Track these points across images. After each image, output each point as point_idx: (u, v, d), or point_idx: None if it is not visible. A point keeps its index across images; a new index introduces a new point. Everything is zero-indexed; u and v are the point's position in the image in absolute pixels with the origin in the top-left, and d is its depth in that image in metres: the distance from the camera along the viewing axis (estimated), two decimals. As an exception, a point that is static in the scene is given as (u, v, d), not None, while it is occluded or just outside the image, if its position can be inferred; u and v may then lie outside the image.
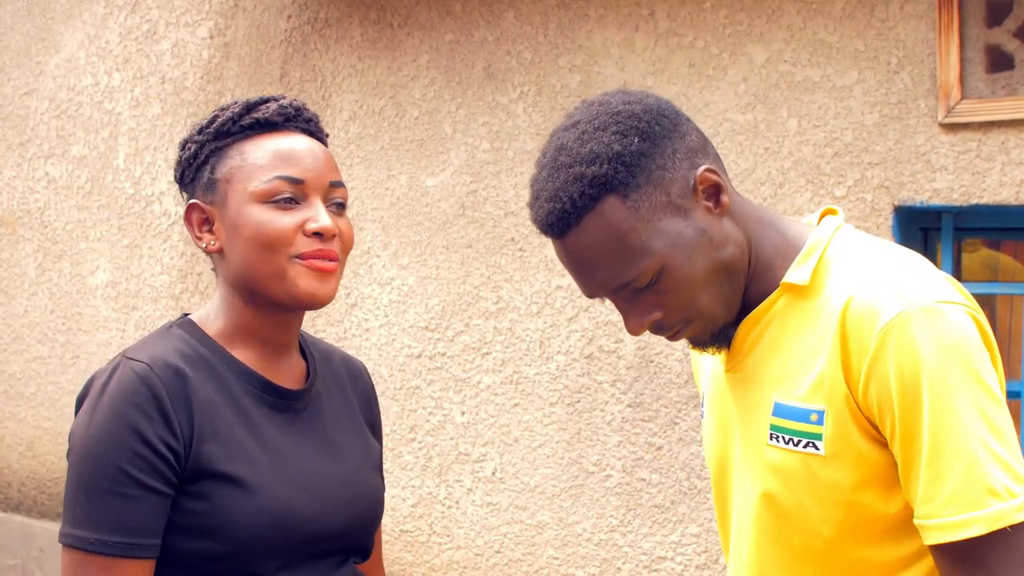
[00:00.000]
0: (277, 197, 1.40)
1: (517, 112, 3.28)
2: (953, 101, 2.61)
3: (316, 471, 1.45)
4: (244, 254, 1.40)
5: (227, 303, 1.46)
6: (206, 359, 1.42)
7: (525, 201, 3.24)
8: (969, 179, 2.62)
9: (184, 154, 1.47)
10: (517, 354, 3.28)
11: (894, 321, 1.20)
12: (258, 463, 1.39)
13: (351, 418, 1.58)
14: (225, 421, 1.39)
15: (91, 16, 4.35)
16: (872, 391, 1.22)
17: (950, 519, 1.17)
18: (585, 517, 3.16)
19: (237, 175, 1.42)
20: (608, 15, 3.11)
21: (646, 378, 3.06)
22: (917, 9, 2.68)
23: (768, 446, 1.31)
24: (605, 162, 1.27)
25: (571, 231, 1.30)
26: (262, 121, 1.44)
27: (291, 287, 1.40)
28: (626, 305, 1.32)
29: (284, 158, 1.42)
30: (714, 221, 1.31)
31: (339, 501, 1.46)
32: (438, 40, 3.43)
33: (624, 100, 1.33)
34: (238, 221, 1.40)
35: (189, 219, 1.46)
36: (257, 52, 3.85)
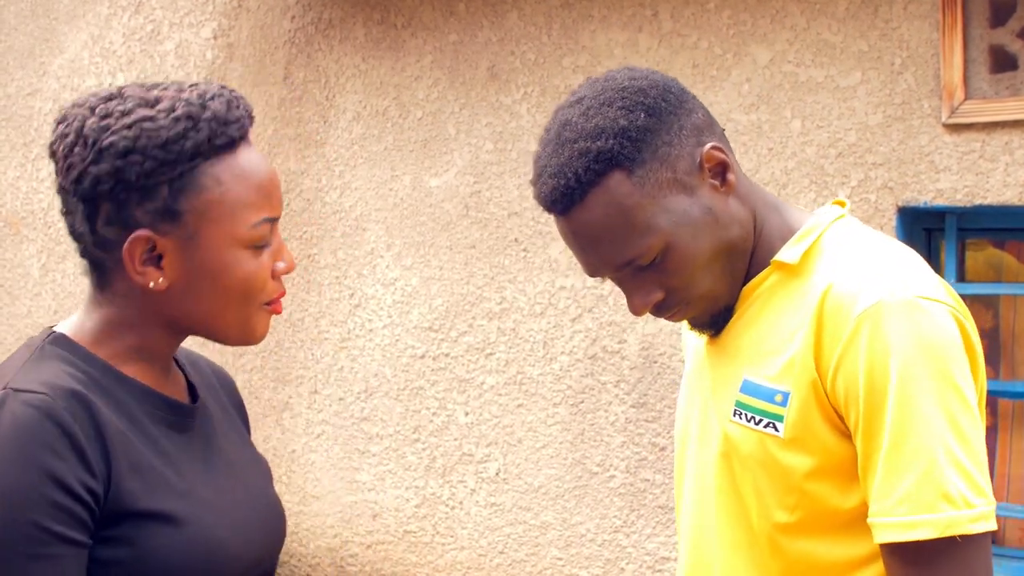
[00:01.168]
0: (260, 243, 1.24)
1: (521, 113, 3.28)
2: (957, 102, 2.61)
3: (227, 494, 1.29)
4: (216, 302, 1.23)
5: (131, 328, 1.25)
6: (98, 381, 1.20)
7: (529, 202, 3.25)
8: (973, 180, 2.62)
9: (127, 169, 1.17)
10: (521, 355, 3.28)
11: (871, 310, 1.18)
12: (181, 493, 1.21)
13: (236, 430, 1.43)
14: (136, 450, 1.19)
15: (95, 17, 4.35)
16: (840, 379, 1.20)
17: (900, 519, 1.15)
18: (589, 518, 3.16)
19: (214, 211, 1.20)
20: (612, 16, 3.11)
21: (650, 378, 3.06)
22: (921, 10, 2.68)
23: (731, 421, 1.29)
24: (611, 137, 1.25)
25: (575, 207, 1.27)
26: (235, 138, 1.23)
27: (250, 333, 1.27)
28: (629, 283, 1.31)
29: (266, 193, 1.24)
30: (720, 200, 1.29)
31: (253, 526, 1.31)
32: (442, 41, 3.44)
33: (630, 76, 1.31)
34: (217, 266, 1.21)
35: (132, 251, 1.19)
36: (261, 53, 3.85)
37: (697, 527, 1.38)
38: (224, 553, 1.22)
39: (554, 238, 3.22)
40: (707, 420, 1.36)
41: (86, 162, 1.19)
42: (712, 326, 1.35)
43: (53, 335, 1.24)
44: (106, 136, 1.18)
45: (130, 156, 1.17)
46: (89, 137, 1.19)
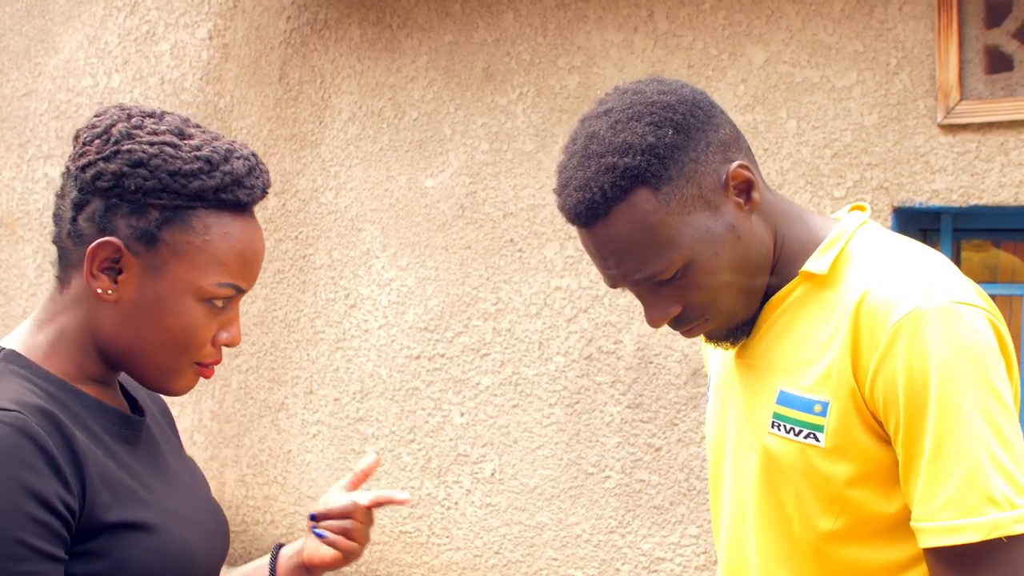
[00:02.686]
0: (217, 302, 1.24)
1: (516, 113, 3.28)
2: (952, 102, 2.61)
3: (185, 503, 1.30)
4: (149, 337, 1.22)
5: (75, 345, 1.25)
6: (56, 397, 1.20)
7: (524, 203, 3.25)
8: (968, 180, 2.62)
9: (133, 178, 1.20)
10: (516, 355, 3.28)
11: (908, 316, 1.18)
12: (150, 503, 1.22)
13: (170, 440, 1.43)
14: (102, 464, 1.19)
15: (90, 17, 4.35)
16: (879, 386, 1.20)
17: (945, 523, 1.15)
18: (584, 518, 3.16)
19: (189, 255, 1.21)
20: (607, 16, 3.11)
21: (645, 379, 3.06)
22: (916, 10, 2.68)
23: (769, 434, 1.29)
24: (638, 153, 1.25)
25: (599, 221, 1.27)
26: (242, 204, 1.25)
27: (171, 385, 1.26)
28: (649, 297, 1.31)
29: (245, 262, 1.25)
30: (743, 218, 1.29)
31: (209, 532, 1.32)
32: (437, 41, 3.43)
33: (659, 90, 1.30)
34: (167, 305, 1.21)
35: (95, 252, 1.20)
36: (256, 53, 3.85)
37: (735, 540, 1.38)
38: (193, 558, 1.24)
39: (549, 239, 3.21)
40: (742, 433, 1.36)
41: (99, 156, 1.21)
42: (729, 338, 1.35)
43: (3, 352, 1.23)
44: (128, 142, 1.21)
45: (139, 168, 1.20)
46: (113, 136, 1.22)
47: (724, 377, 1.43)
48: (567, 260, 3.18)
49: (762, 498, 1.32)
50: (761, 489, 1.32)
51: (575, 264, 3.17)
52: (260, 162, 1.29)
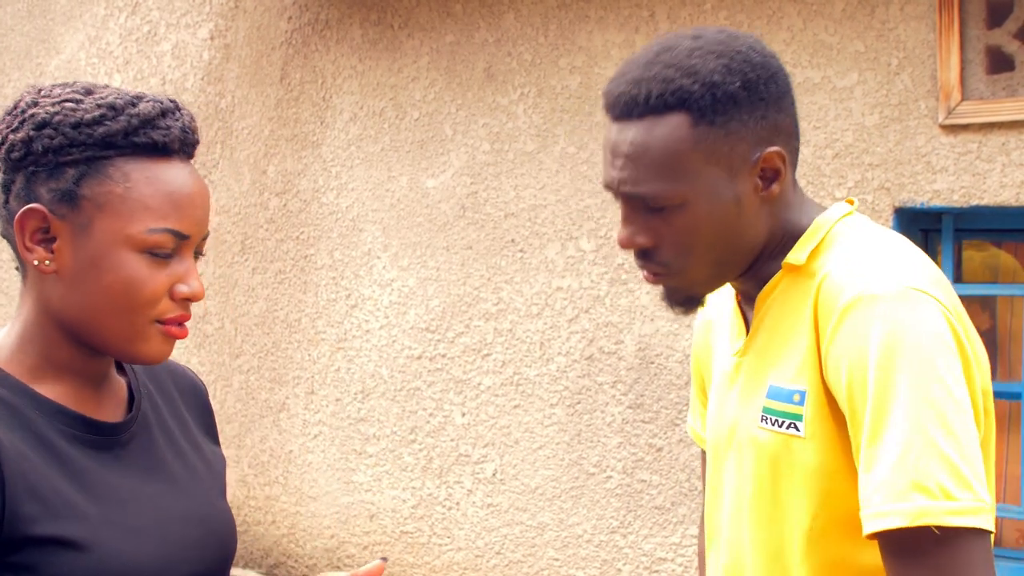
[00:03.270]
0: (157, 251, 1.17)
1: (517, 113, 3.28)
2: (953, 102, 2.61)
3: (158, 512, 1.23)
4: (95, 301, 1.17)
5: (38, 334, 1.20)
6: (6, 401, 1.15)
7: (526, 202, 3.25)
8: (969, 180, 2.62)
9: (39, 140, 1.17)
10: (517, 355, 3.28)
11: (855, 299, 1.17)
12: (88, 516, 1.15)
13: (187, 437, 1.36)
14: (39, 473, 1.13)
15: (91, 17, 4.35)
16: (831, 369, 1.19)
17: (875, 508, 1.12)
18: (585, 518, 3.16)
19: (115, 206, 1.16)
20: (608, 16, 3.11)
21: (646, 379, 3.06)
22: (917, 10, 2.67)
23: (759, 427, 1.29)
24: (699, 83, 1.24)
25: (630, 120, 1.26)
26: (159, 145, 1.18)
27: (138, 350, 1.20)
28: (630, 216, 1.29)
29: (177, 206, 1.18)
30: (754, 200, 1.28)
31: (187, 544, 1.24)
32: (438, 41, 3.43)
33: (751, 46, 1.29)
34: (102, 263, 1.16)
35: (23, 222, 1.16)
36: (257, 53, 3.85)
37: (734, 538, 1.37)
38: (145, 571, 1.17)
39: (550, 239, 3.21)
40: (737, 429, 1.36)
41: (8, 129, 1.18)
42: (682, 304, 1.34)
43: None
44: (32, 108, 1.19)
45: (44, 129, 1.16)
46: (19, 107, 1.20)
47: (724, 375, 1.43)
48: (568, 260, 3.18)
49: (756, 494, 1.31)
50: (755, 485, 1.32)
51: (576, 264, 3.17)
52: (179, 107, 1.22)
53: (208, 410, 1.42)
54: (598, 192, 3.13)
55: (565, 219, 3.19)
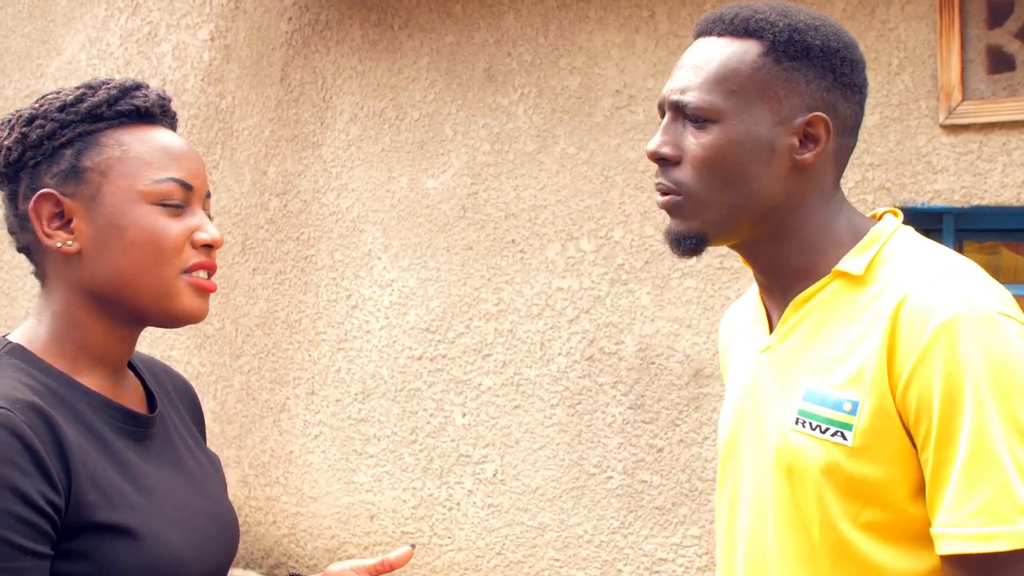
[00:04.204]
0: (168, 201, 1.23)
1: (518, 114, 3.28)
2: (954, 102, 2.61)
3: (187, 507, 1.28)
4: (123, 260, 1.21)
5: (70, 320, 1.24)
6: (55, 392, 1.19)
7: (526, 203, 3.24)
8: (970, 180, 2.62)
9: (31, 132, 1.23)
10: (518, 356, 3.28)
11: (949, 321, 1.16)
12: (139, 507, 1.20)
13: (193, 438, 1.41)
14: (95, 463, 1.18)
15: (92, 19, 4.35)
16: (913, 389, 1.18)
17: (976, 530, 1.14)
18: (586, 519, 3.15)
19: (117, 168, 1.22)
20: (608, 17, 3.11)
21: (647, 380, 3.05)
22: (918, 10, 2.67)
23: (793, 430, 1.28)
24: (786, 24, 1.28)
25: (709, 36, 1.32)
26: (141, 110, 1.25)
27: (172, 305, 1.24)
28: (668, 126, 1.32)
29: (174, 157, 1.25)
30: (786, 157, 1.29)
31: (210, 538, 1.29)
32: (438, 42, 3.43)
33: (850, 36, 1.33)
34: (121, 222, 1.21)
35: (38, 210, 1.21)
36: (258, 54, 3.85)
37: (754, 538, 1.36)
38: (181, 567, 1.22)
39: (551, 240, 3.21)
40: (762, 430, 1.35)
41: (3, 141, 1.25)
42: (680, 247, 1.32)
43: (8, 345, 1.24)
44: (15, 116, 1.26)
45: (34, 122, 1.23)
46: (5, 120, 1.27)
47: (745, 373, 1.42)
48: (568, 261, 3.18)
49: (781, 496, 1.30)
50: (779, 487, 1.30)
51: (577, 265, 3.17)
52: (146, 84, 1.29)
53: (200, 413, 1.46)
54: (598, 192, 3.13)
55: (565, 219, 3.19)
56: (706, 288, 2.97)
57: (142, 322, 1.27)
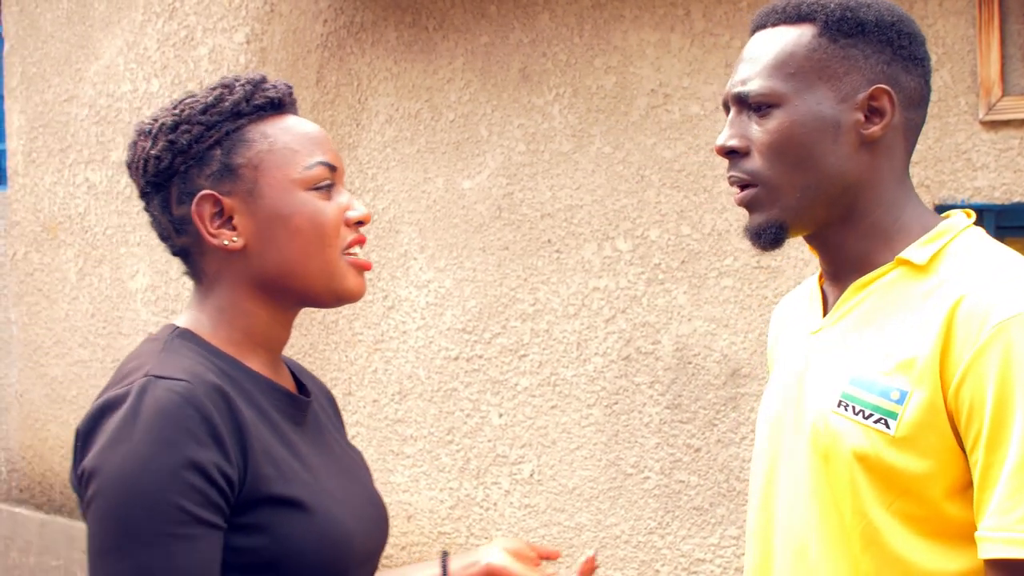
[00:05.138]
0: (319, 184, 1.29)
1: (553, 114, 3.28)
2: (994, 98, 2.58)
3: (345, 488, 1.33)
4: (290, 247, 1.27)
5: (237, 309, 1.29)
6: (227, 373, 1.25)
7: (562, 203, 3.24)
8: (1011, 177, 2.59)
9: (178, 138, 1.27)
10: (554, 356, 3.28)
11: (1008, 322, 1.15)
12: (308, 483, 1.25)
13: (338, 429, 1.46)
14: (268, 441, 1.23)
15: (129, 23, 4.39)
16: (966, 389, 1.17)
17: (1021, 535, 1.13)
18: (623, 519, 3.15)
19: (268, 160, 1.27)
20: (643, 16, 3.10)
21: (684, 379, 3.05)
22: (957, 5, 2.65)
23: (835, 412, 1.27)
24: (838, 4, 1.29)
25: (764, 28, 1.34)
26: (275, 101, 1.31)
27: (339, 286, 1.29)
28: (733, 120, 1.33)
29: (316, 142, 1.31)
30: (853, 134, 1.28)
31: (369, 518, 1.35)
32: (473, 42, 3.44)
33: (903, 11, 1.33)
34: (283, 210, 1.26)
35: (200, 212, 1.26)
36: (293, 57, 3.87)
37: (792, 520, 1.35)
38: (350, 543, 1.26)
39: (587, 239, 3.21)
40: (802, 410, 1.34)
41: (146, 150, 1.29)
42: (765, 238, 1.32)
43: (178, 330, 1.29)
44: (154, 125, 1.30)
45: (179, 128, 1.27)
46: (141, 133, 1.31)
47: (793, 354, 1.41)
48: (605, 261, 3.18)
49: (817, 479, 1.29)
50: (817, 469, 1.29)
51: (613, 264, 3.16)
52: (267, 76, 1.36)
53: (337, 408, 1.52)
54: (634, 192, 3.12)
55: (601, 219, 3.18)
56: (743, 287, 2.96)
57: (301, 305, 1.33)
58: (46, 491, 4.81)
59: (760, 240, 1.33)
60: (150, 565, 1.11)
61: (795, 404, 1.36)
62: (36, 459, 4.85)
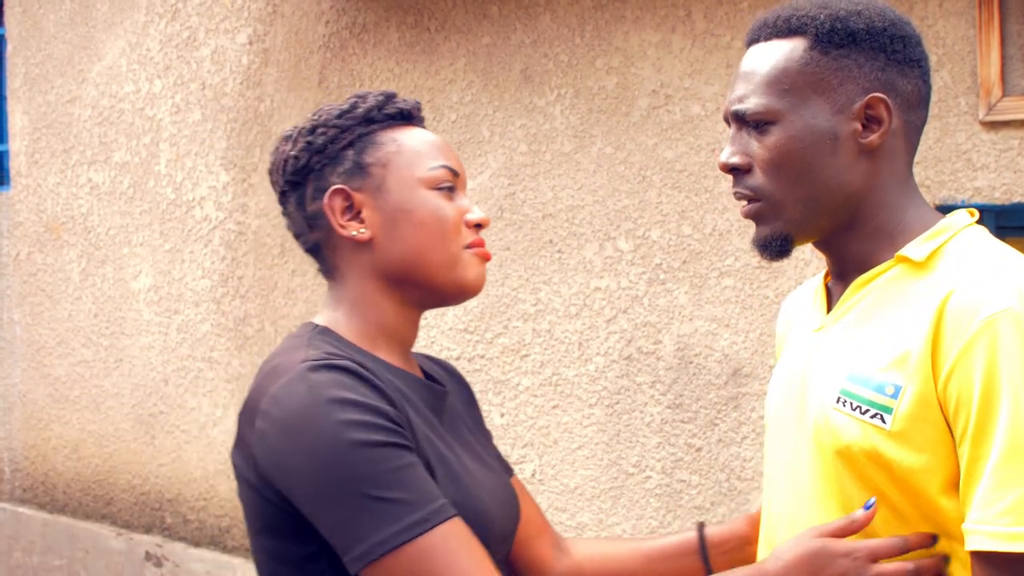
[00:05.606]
0: (442, 185, 1.38)
1: (554, 114, 3.29)
2: (994, 99, 2.59)
3: (484, 474, 1.40)
4: (414, 240, 1.35)
5: (366, 301, 1.38)
6: (371, 370, 1.30)
7: (563, 203, 3.25)
8: (1011, 177, 2.60)
9: (315, 139, 1.39)
10: (556, 356, 3.29)
11: (996, 316, 1.16)
12: (451, 461, 1.32)
13: (471, 416, 1.53)
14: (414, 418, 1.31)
15: (132, 24, 4.40)
16: (954, 382, 1.18)
17: (1004, 529, 1.14)
18: (625, 519, 3.16)
19: (396, 160, 1.37)
20: (645, 16, 3.11)
21: (685, 379, 3.06)
22: (957, 6, 2.66)
23: (835, 409, 1.28)
24: (828, 16, 1.30)
25: (757, 43, 1.35)
26: (404, 112, 1.42)
27: (460, 276, 1.37)
28: (734, 137, 1.35)
29: (440, 149, 1.41)
30: (851, 144, 1.29)
31: (505, 501, 1.41)
32: (475, 43, 3.45)
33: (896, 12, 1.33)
34: (407, 205, 1.36)
35: (332, 205, 1.37)
36: (296, 57, 3.88)
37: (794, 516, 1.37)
38: (491, 521, 1.33)
39: (588, 239, 3.22)
40: (804, 407, 1.35)
41: (287, 152, 1.40)
42: (771, 249, 1.34)
43: (317, 327, 1.37)
44: (294, 131, 1.42)
45: (316, 131, 1.39)
46: (284, 137, 1.43)
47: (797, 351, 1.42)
48: (606, 261, 3.19)
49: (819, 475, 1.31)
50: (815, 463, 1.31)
51: (614, 265, 3.17)
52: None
53: (470, 391, 1.59)
54: (635, 192, 3.13)
55: (603, 219, 3.19)
56: (744, 287, 2.97)
57: (426, 303, 1.40)
58: (49, 491, 4.83)
59: (767, 252, 1.35)
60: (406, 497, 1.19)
61: (797, 401, 1.37)
62: (39, 459, 4.86)
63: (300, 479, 1.21)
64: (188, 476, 4.25)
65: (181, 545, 4.23)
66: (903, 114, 1.31)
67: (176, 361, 4.27)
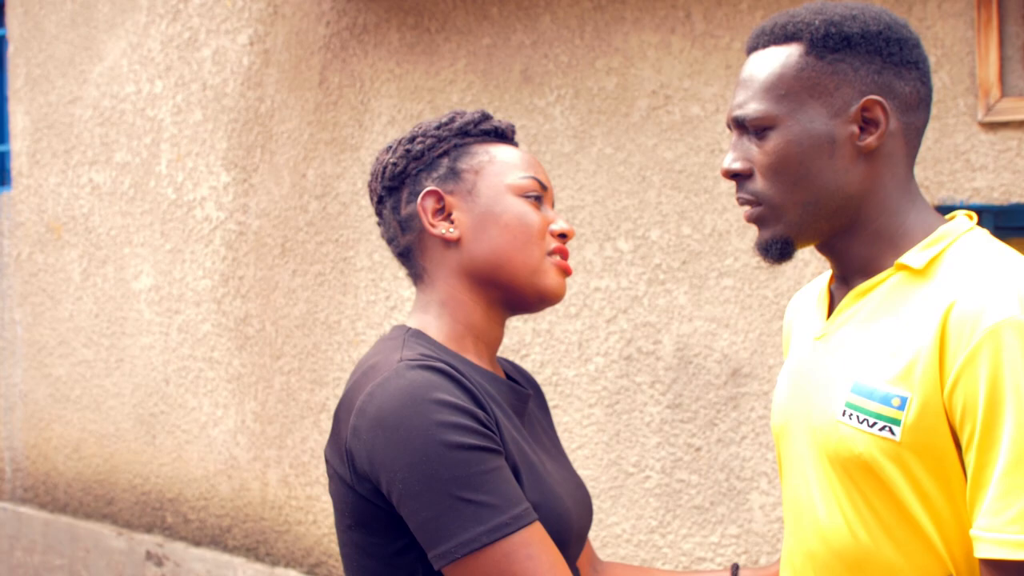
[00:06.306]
0: (530, 193, 1.44)
1: (554, 115, 3.29)
2: (993, 99, 2.60)
3: (562, 474, 1.45)
4: (499, 242, 1.42)
5: (455, 302, 1.44)
6: (463, 372, 1.35)
7: (563, 203, 3.25)
8: (1009, 178, 2.61)
9: (414, 147, 1.47)
10: (556, 356, 3.29)
11: (999, 325, 1.17)
12: (534, 462, 1.37)
13: (546, 419, 1.58)
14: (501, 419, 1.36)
15: (133, 25, 4.41)
16: (959, 391, 1.19)
17: (1011, 536, 1.14)
18: (624, 518, 3.17)
19: (488, 168, 1.45)
20: (644, 17, 3.12)
21: (685, 379, 3.06)
22: (956, 7, 2.66)
23: (840, 422, 1.29)
24: (822, 21, 1.31)
25: (756, 51, 1.37)
26: (499, 130, 1.49)
27: (540, 282, 1.43)
28: (735, 143, 1.37)
29: (530, 163, 1.47)
30: (849, 147, 1.30)
31: (580, 501, 1.46)
32: (475, 44, 3.45)
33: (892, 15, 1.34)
34: (495, 208, 1.43)
35: (424, 205, 1.44)
36: (296, 58, 3.89)
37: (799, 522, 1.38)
38: (569, 520, 1.37)
39: (588, 240, 3.23)
40: (809, 419, 1.35)
41: (386, 160, 1.48)
42: (772, 252, 1.36)
43: (411, 330, 1.42)
44: (395, 142, 1.50)
45: (415, 139, 1.47)
46: (388, 146, 1.51)
47: (798, 359, 1.43)
48: (606, 261, 3.19)
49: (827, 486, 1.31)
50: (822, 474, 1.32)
51: (614, 265, 3.18)
52: None
53: (544, 399, 1.64)
54: (635, 192, 3.14)
55: (603, 219, 3.20)
56: (743, 287, 2.97)
57: (511, 306, 1.46)
58: (50, 490, 4.83)
59: (768, 255, 1.37)
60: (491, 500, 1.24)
61: (801, 411, 1.38)
62: (40, 459, 4.87)
63: (392, 474, 1.25)
64: (189, 476, 4.26)
65: (182, 544, 4.24)
66: (901, 116, 1.32)
67: (177, 361, 4.28)
